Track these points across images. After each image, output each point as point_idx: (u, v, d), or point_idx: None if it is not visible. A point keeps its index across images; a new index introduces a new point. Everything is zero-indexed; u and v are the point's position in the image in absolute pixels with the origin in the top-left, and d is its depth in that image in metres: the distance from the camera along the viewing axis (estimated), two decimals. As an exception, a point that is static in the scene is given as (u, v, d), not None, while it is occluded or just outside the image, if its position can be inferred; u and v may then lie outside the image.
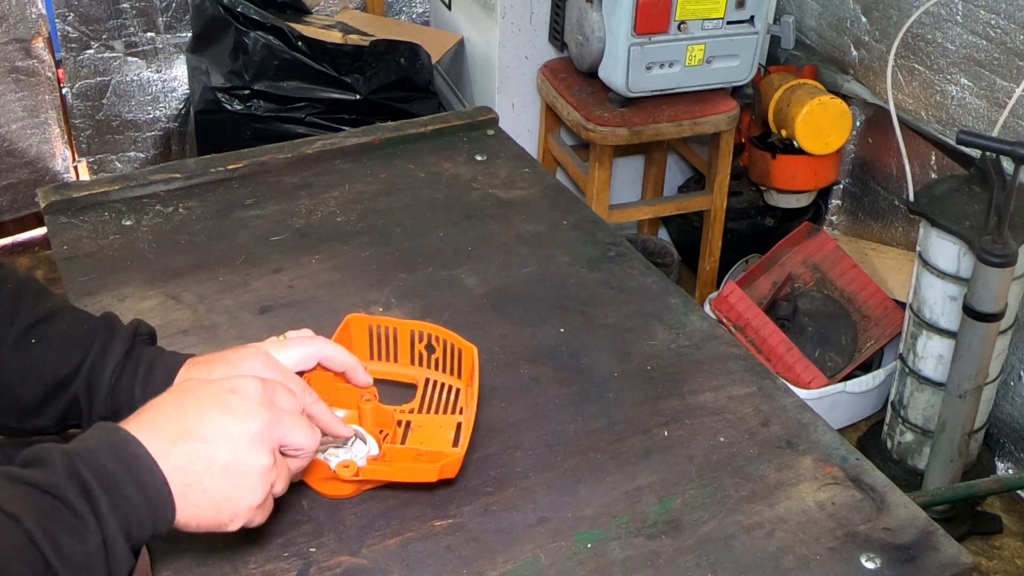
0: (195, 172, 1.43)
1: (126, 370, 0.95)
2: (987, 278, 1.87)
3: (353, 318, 1.07)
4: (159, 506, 0.75)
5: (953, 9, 2.29)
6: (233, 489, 0.78)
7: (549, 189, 1.46)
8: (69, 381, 0.95)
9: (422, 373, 1.07)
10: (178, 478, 0.76)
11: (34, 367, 0.95)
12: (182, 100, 2.97)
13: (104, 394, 0.94)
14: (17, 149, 2.87)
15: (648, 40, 2.29)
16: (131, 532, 0.73)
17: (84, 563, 0.70)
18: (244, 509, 0.79)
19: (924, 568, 0.91)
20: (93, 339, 0.96)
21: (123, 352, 0.96)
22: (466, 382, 1.02)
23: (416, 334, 1.06)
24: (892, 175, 2.67)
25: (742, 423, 1.06)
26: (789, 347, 2.38)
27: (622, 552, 0.91)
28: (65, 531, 0.69)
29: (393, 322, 1.07)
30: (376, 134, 1.55)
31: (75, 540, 0.70)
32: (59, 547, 0.69)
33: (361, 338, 1.07)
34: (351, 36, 2.61)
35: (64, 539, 0.69)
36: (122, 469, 0.73)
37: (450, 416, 1.03)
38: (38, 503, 0.70)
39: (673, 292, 1.26)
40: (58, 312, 0.98)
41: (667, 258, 2.77)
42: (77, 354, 0.95)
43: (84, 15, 2.76)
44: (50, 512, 0.70)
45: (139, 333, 0.99)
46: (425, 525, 0.93)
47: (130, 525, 0.73)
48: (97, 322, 0.98)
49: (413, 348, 1.06)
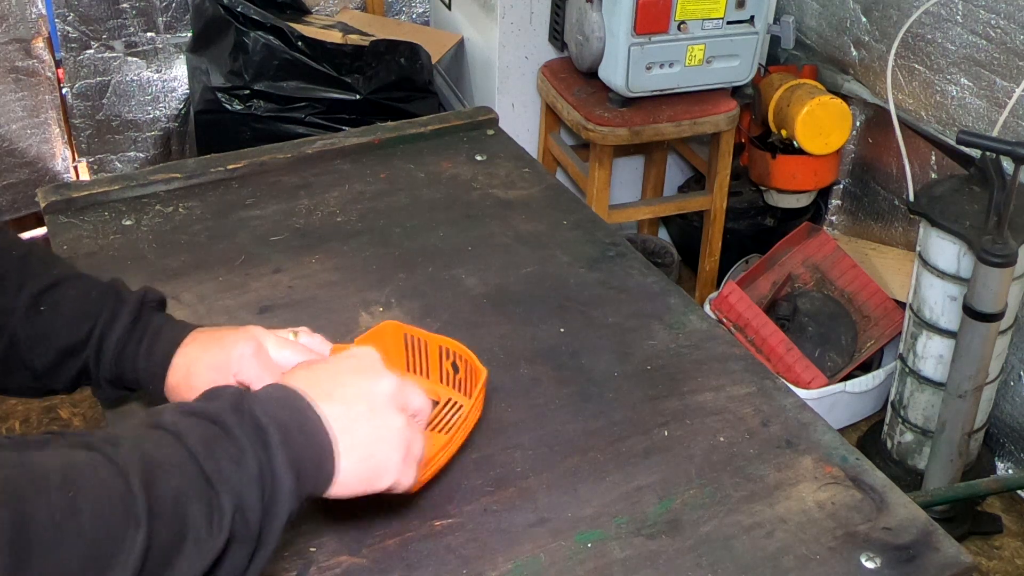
0: (195, 172, 1.43)
1: (131, 341, 0.97)
2: (987, 278, 1.87)
3: (388, 325, 1.06)
4: (323, 457, 0.77)
5: (953, 9, 2.29)
6: (377, 443, 0.80)
7: (549, 189, 1.46)
8: (80, 348, 0.96)
9: (447, 392, 1.06)
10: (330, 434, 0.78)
11: (45, 334, 0.96)
12: (182, 100, 2.97)
13: (110, 361, 0.97)
14: (17, 149, 2.87)
15: (648, 40, 2.29)
16: (299, 472, 0.75)
17: (240, 488, 0.71)
18: (392, 466, 0.81)
19: (924, 568, 0.91)
20: (102, 307, 0.97)
21: (129, 322, 0.97)
22: (469, 407, 1.00)
23: (443, 351, 1.05)
24: (892, 175, 2.67)
25: (742, 423, 1.06)
26: (789, 347, 2.38)
27: (622, 552, 0.91)
28: (224, 454, 0.71)
29: (424, 335, 1.06)
30: (376, 134, 1.55)
31: (234, 466, 0.71)
32: (219, 467, 0.70)
33: (397, 347, 1.06)
34: (351, 36, 2.61)
35: (223, 460, 0.71)
36: (290, 417, 0.76)
37: (441, 435, 1.00)
38: (201, 428, 0.72)
39: (673, 292, 1.26)
40: (66, 278, 0.99)
41: (667, 258, 2.77)
42: (87, 321, 0.97)
43: (84, 15, 2.76)
44: (211, 435, 0.72)
45: (147, 300, 1.00)
46: (425, 525, 0.93)
47: (297, 464, 0.75)
48: (106, 289, 0.99)
49: (441, 365, 1.06)
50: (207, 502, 0.69)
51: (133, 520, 0.65)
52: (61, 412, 2.41)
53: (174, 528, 0.67)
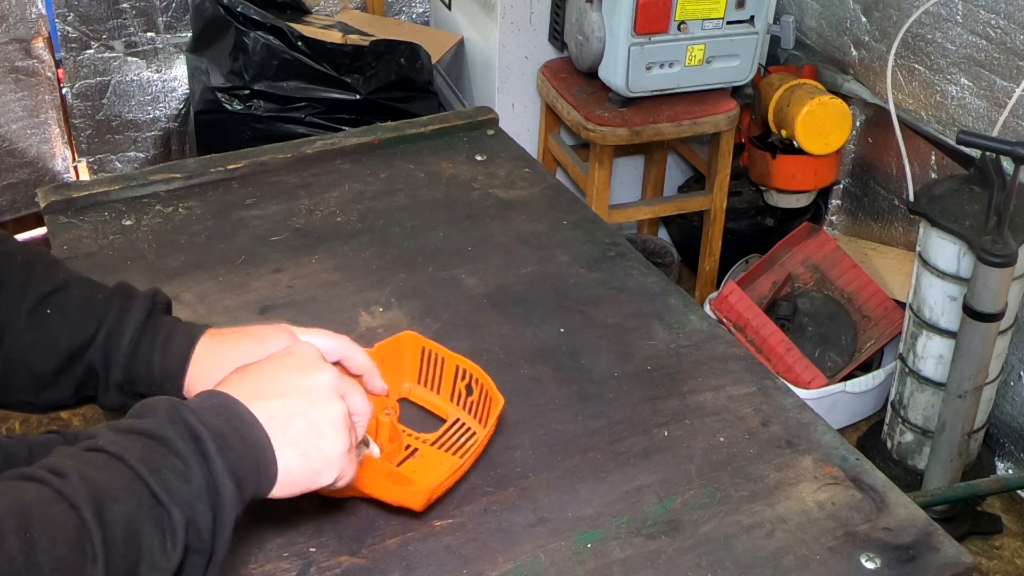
0: (195, 172, 1.43)
1: (145, 336, 0.95)
2: (987, 278, 1.87)
3: (408, 335, 1.06)
4: (262, 460, 0.76)
5: (953, 9, 2.29)
6: (318, 438, 0.79)
7: (549, 189, 1.46)
8: (84, 350, 0.94)
9: (456, 412, 1.05)
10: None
11: (49, 337, 0.94)
12: (182, 100, 2.97)
13: (122, 361, 0.94)
14: (17, 149, 2.87)
15: (648, 40, 2.29)
16: (239, 479, 0.74)
17: (190, 501, 0.71)
18: (334, 457, 0.80)
19: (924, 568, 0.91)
20: (109, 307, 0.96)
21: (142, 319, 0.96)
22: (485, 434, 0.99)
23: (460, 371, 1.04)
24: (892, 175, 2.67)
25: (742, 423, 1.06)
26: (789, 347, 2.38)
27: (622, 552, 0.91)
28: (169, 469, 0.71)
29: (443, 351, 1.05)
30: (376, 134, 1.55)
31: (179, 480, 0.71)
32: (166, 484, 0.70)
33: (413, 358, 1.06)
34: (351, 36, 2.61)
35: (169, 477, 0.71)
36: (226, 423, 0.75)
37: (453, 457, 1.00)
38: (141, 445, 0.72)
39: (673, 292, 1.26)
40: (71, 283, 0.98)
41: (667, 258, 2.77)
42: (92, 323, 0.95)
43: (84, 15, 2.76)
44: (153, 452, 0.71)
45: (157, 301, 0.99)
46: (425, 525, 0.93)
47: (237, 472, 0.74)
48: (112, 291, 0.98)
49: (455, 384, 1.05)
50: (159, 522, 0.69)
51: (90, 555, 0.65)
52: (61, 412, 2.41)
53: (130, 554, 0.67)
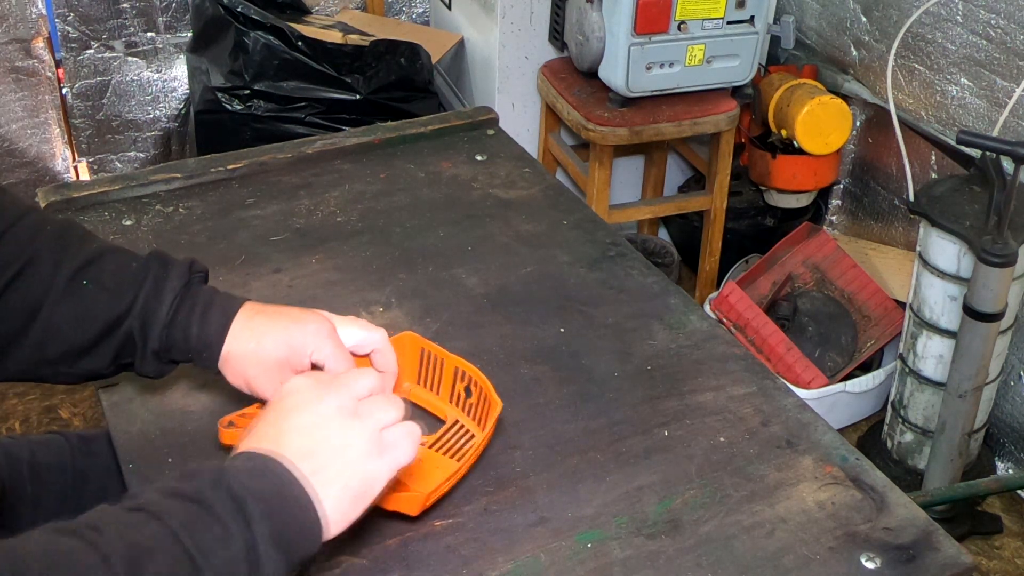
0: (195, 172, 1.43)
1: (183, 305, 0.95)
2: (987, 278, 1.87)
3: (407, 336, 1.06)
4: (306, 521, 0.75)
5: (953, 9, 2.29)
6: (350, 465, 0.78)
7: (549, 189, 1.46)
8: (122, 319, 0.94)
9: (454, 413, 1.05)
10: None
11: (86, 309, 0.94)
12: (182, 100, 2.97)
13: (160, 329, 0.94)
14: (17, 149, 2.87)
15: (648, 40, 2.29)
16: (285, 542, 0.74)
17: (227, 566, 0.71)
18: (374, 472, 0.79)
19: (924, 568, 0.91)
20: (146, 275, 0.95)
21: (180, 287, 0.95)
22: (482, 438, 0.99)
23: (459, 373, 1.04)
24: (892, 175, 2.67)
25: (742, 423, 1.06)
26: (789, 347, 2.38)
27: (622, 552, 0.91)
28: (208, 534, 0.71)
29: (442, 353, 1.05)
30: (376, 134, 1.55)
31: (218, 545, 0.71)
32: (202, 546, 0.70)
33: (412, 358, 1.06)
34: (351, 36, 2.61)
35: (207, 540, 0.70)
36: (268, 486, 0.74)
37: (450, 461, 1.00)
38: (182, 507, 0.72)
39: (673, 292, 1.26)
40: (105, 252, 0.97)
41: (667, 258, 2.77)
42: (129, 292, 0.94)
43: (84, 15, 2.76)
44: (193, 515, 0.71)
45: (195, 269, 0.98)
46: (425, 525, 0.93)
47: (283, 535, 0.73)
48: (148, 258, 0.97)
49: (454, 385, 1.05)
50: None
51: None
52: (61, 412, 2.41)
53: None
